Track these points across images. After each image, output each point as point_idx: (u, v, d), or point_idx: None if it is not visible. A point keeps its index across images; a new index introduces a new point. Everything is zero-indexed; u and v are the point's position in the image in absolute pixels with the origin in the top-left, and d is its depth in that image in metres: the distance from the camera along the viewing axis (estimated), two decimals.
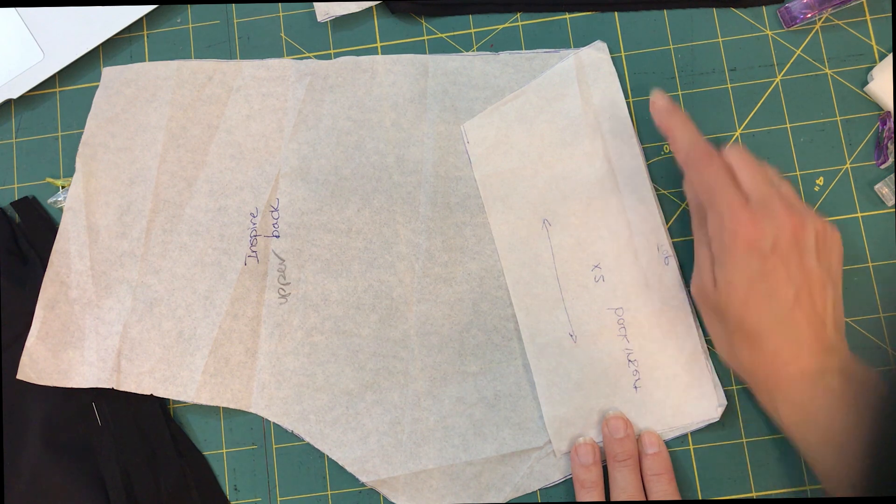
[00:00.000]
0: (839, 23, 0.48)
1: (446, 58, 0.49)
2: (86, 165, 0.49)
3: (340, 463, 0.46)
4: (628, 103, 0.48)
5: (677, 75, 0.49)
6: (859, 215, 0.47)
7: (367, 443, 0.46)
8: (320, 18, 0.50)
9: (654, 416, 0.45)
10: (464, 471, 0.46)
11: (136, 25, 0.51)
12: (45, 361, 0.47)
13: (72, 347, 0.47)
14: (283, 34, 0.51)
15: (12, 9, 0.51)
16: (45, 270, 0.48)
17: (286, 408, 0.47)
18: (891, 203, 0.47)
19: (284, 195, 0.49)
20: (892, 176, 0.47)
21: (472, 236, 0.48)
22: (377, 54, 0.50)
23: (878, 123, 0.47)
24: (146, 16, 0.51)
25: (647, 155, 0.48)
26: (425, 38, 0.50)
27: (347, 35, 0.51)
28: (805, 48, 0.48)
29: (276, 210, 0.49)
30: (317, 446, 0.46)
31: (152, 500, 0.46)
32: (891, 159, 0.47)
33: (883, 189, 0.47)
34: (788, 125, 0.48)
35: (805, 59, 0.48)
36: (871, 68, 0.47)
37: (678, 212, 0.48)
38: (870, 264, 0.47)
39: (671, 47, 0.49)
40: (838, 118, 0.48)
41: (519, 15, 0.50)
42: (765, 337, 0.40)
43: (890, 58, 0.47)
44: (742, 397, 0.46)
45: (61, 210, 0.49)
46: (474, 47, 0.50)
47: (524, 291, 0.47)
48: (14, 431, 0.47)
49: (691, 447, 0.46)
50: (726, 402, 0.45)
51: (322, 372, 0.47)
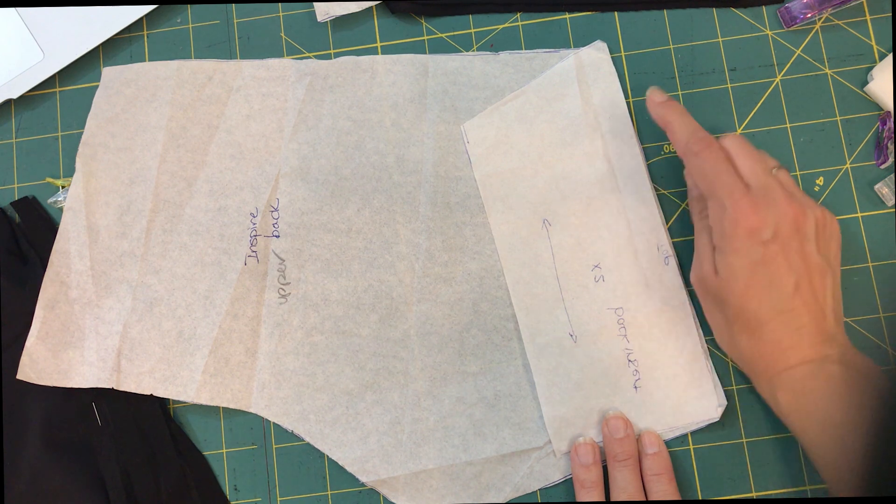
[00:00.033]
0: (839, 23, 0.48)
1: (446, 58, 0.49)
2: (86, 165, 0.49)
3: (340, 463, 0.46)
4: (628, 103, 0.48)
5: (677, 75, 0.49)
6: (859, 215, 0.47)
7: (367, 443, 0.46)
8: (320, 18, 0.50)
9: (654, 416, 0.45)
10: (464, 471, 0.46)
11: (136, 25, 0.51)
12: (45, 361, 0.47)
13: (72, 347, 0.47)
14: (283, 34, 0.51)
15: (12, 9, 0.51)
16: (45, 270, 0.48)
17: (286, 408, 0.47)
18: (891, 203, 0.47)
19: (284, 195, 0.49)
20: (892, 176, 0.47)
21: (472, 236, 0.48)
22: (377, 54, 0.50)
23: (878, 123, 0.47)
24: (146, 16, 0.51)
25: (647, 155, 0.48)
26: (425, 38, 0.50)
27: (347, 35, 0.51)
28: (805, 48, 0.48)
29: (276, 210, 0.49)
30: (317, 446, 0.46)
31: (152, 500, 0.46)
32: (891, 159, 0.47)
33: (883, 189, 0.47)
34: (788, 125, 0.48)
35: (805, 59, 0.48)
36: (871, 68, 0.47)
37: (678, 212, 0.48)
38: (870, 264, 0.47)
39: (671, 47, 0.49)
40: (838, 118, 0.48)
41: (519, 15, 0.50)
42: (765, 325, 0.40)
43: (890, 58, 0.47)
44: (742, 397, 0.46)
45: (61, 210, 0.49)
46: (474, 47, 0.50)
47: (524, 291, 0.47)
48: (14, 431, 0.47)
49: (691, 447, 0.46)
50: (726, 402, 0.45)
51: (322, 372, 0.47)
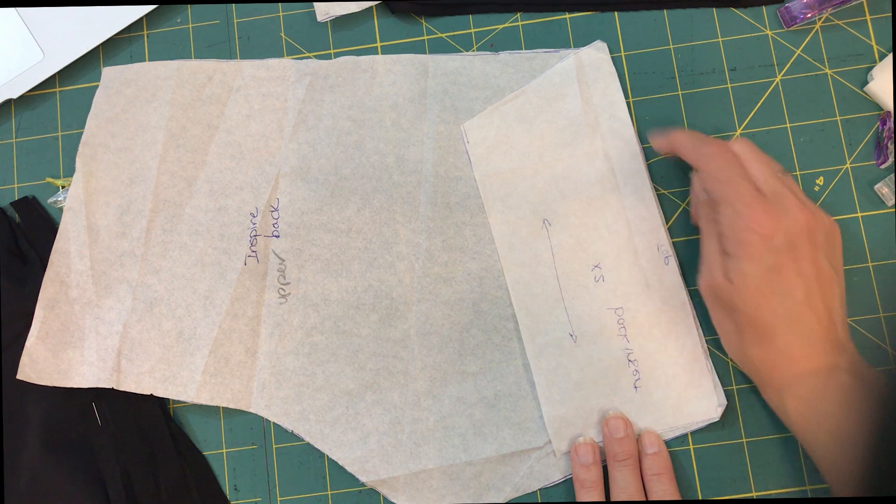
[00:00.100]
0: (839, 23, 0.48)
1: (446, 58, 0.49)
2: (86, 165, 0.49)
3: (340, 463, 0.46)
4: (628, 103, 0.48)
5: (677, 75, 0.49)
6: (859, 215, 0.47)
7: (367, 443, 0.46)
8: (320, 18, 0.50)
9: (654, 416, 0.45)
10: (464, 471, 0.46)
11: (136, 25, 0.51)
12: (45, 361, 0.47)
13: (72, 347, 0.47)
14: (283, 34, 0.51)
15: (12, 9, 0.51)
16: (45, 270, 0.48)
17: (286, 408, 0.47)
18: (891, 203, 0.47)
19: (284, 195, 0.49)
20: (892, 176, 0.47)
21: (472, 236, 0.48)
22: (377, 54, 0.50)
23: (878, 123, 0.47)
24: (146, 16, 0.51)
25: (647, 155, 0.48)
26: (425, 38, 0.50)
27: (347, 35, 0.51)
28: (805, 48, 0.48)
29: (276, 210, 0.49)
30: (317, 446, 0.46)
31: (152, 500, 0.46)
32: (891, 159, 0.47)
33: (883, 189, 0.47)
34: (788, 125, 0.48)
35: (805, 59, 0.48)
36: (871, 68, 0.47)
37: (678, 212, 0.48)
38: (870, 264, 0.47)
39: (671, 47, 0.49)
40: (838, 118, 0.48)
41: (519, 15, 0.50)
42: (776, 333, 0.40)
43: (890, 58, 0.47)
44: (742, 397, 0.46)
45: (61, 210, 0.49)
46: (474, 47, 0.50)
47: (524, 291, 0.47)
48: (14, 431, 0.47)
49: (691, 447, 0.46)
50: (726, 402, 0.45)
51: (322, 372, 0.47)
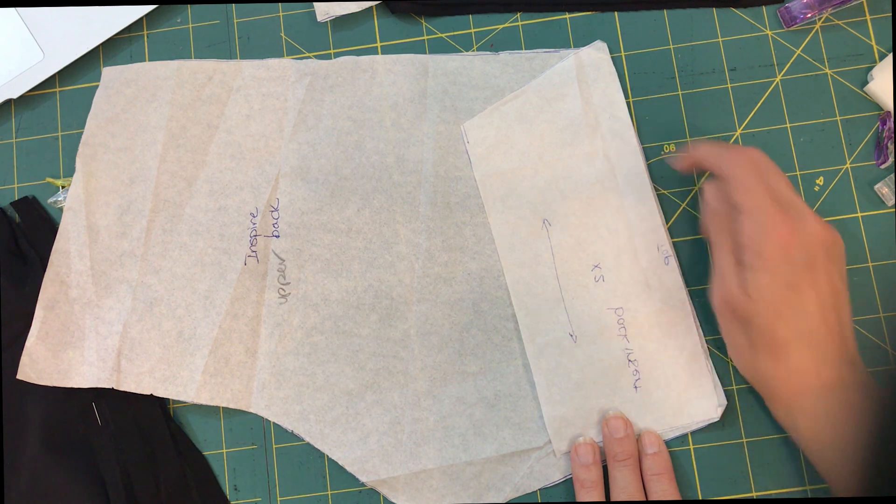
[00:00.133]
0: (839, 23, 0.48)
1: (446, 58, 0.49)
2: (86, 165, 0.49)
3: (340, 463, 0.46)
4: (628, 103, 0.48)
5: (677, 75, 0.49)
6: (859, 215, 0.47)
7: (367, 443, 0.46)
8: (320, 18, 0.50)
9: (654, 416, 0.45)
10: (464, 471, 0.46)
11: (136, 25, 0.51)
12: (45, 361, 0.47)
13: (72, 347, 0.47)
14: (283, 34, 0.51)
15: (12, 9, 0.51)
16: (45, 270, 0.48)
17: (286, 408, 0.47)
18: (891, 203, 0.47)
19: (284, 195, 0.49)
20: (892, 176, 0.47)
21: (472, 236, 0.48)
22: (377, 54, 0.50)
23: (878, 123, 0.47)
24: (146, 16, 0.51)
25: (647, 155, 0.48)
26: (425, 38, 0.50)
27: (347, 35, 0.51)
28: (805, 48, 0.48)
29: (276, 210, 0.49)
30: (317, 446, 0.46)
31: (152, 500, 0.46)
32: (891, 159, 0.47)
33: (883, 189, 0.47)
34: (788, 125, 0.48)
35: (805, 59, 0.48)
36: (871, 68, 0.47)
37: (678, 212, 0.48)
38: (870, 264, 0.47)
39: (671, 47, 0.49)
40: (838, 118, 0.48)
41: (519, 15, 0.50)
42: (790, 347, 0.39)
43: (890, 58, 0.47)
44: (742, 397, 0.46)
45: (61, 210, 0.49)
46: (474, 47, 0.50)
47: (524, 291, 0.47)
48: (14, 431, 0.47)
49: (691, 447, 0.46)
50: (726, 402, 0.45)
51: (322, 372, 0.47)
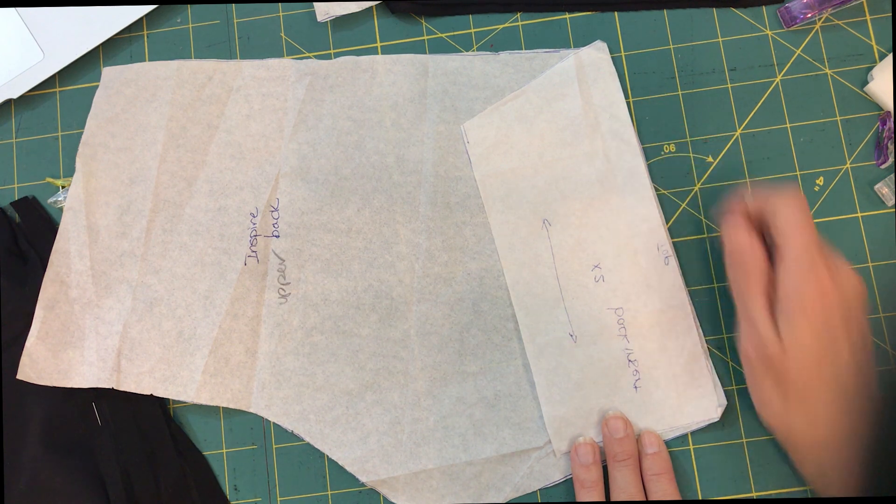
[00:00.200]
0: (839, 23, 0.48)
1: (446, 58, 0.49)
2: (86, 165, 0.49)
3: (340, 463, 0.46)
4: (628, 103, 0.48)
5: (677, 75, 0.49)
6: (859, 215, 0.47)
7: (367, 443, 0.46)
8: (320, 18, 0.50)
9: (654, 416, 0.45)
10: (464, 471, 0.46)
11: (136, 25, 0.51)
12: (45, 361, 0.47)
13: (72, 347, 0.47)
14: (283, 34, 0.51)
15: (12, 9, 0.51)
16: (45, 270, 0.48)
17: (286, 408, 0.47)
18: (891, 203, 0.47)
19: (284, 195, 0.49)
20: (892, 176, 0.47)
21: (472, 236, 0.48)
22: (377, 54, 0.50)
23: (878, 123, 0.47)
24: (146, 16, 0.51)
25: (647, 155, 0.48)
26: (425, 38, 0.50)
27: (347, 35, 0.51)
28: (805, 48, 0.48)
29: (276, 210, 0.49)
30: (317, 446, 0.46)
31: (152, 500, 0.46)
32: (891, 159, 0.47)
33: (883, 189, 0.47)
34: (788, 125, 0.48)
35: (805, 59, 0.48)
36: (871, 68, 0.47)
37: (678, 212, 0.48)
38: (870, 264, 0.47)
39: (671, 47, 0.49)
40: (838, 118, 0.48)
41: (519, 15, 0.50)
42: (821, 398, 0.38)
43: (890, 58, 0.47)
44: (742, 397, 0.46)
45: (61, 210, 0.49)
46: (474, 47, 0.50)
47: (524, 291, 0.47)
48: (14, 431, 0.47)
49: (691, 447, 0.46)
50: (726, 402, 0.45)
51: (322, 372, 0.47)
